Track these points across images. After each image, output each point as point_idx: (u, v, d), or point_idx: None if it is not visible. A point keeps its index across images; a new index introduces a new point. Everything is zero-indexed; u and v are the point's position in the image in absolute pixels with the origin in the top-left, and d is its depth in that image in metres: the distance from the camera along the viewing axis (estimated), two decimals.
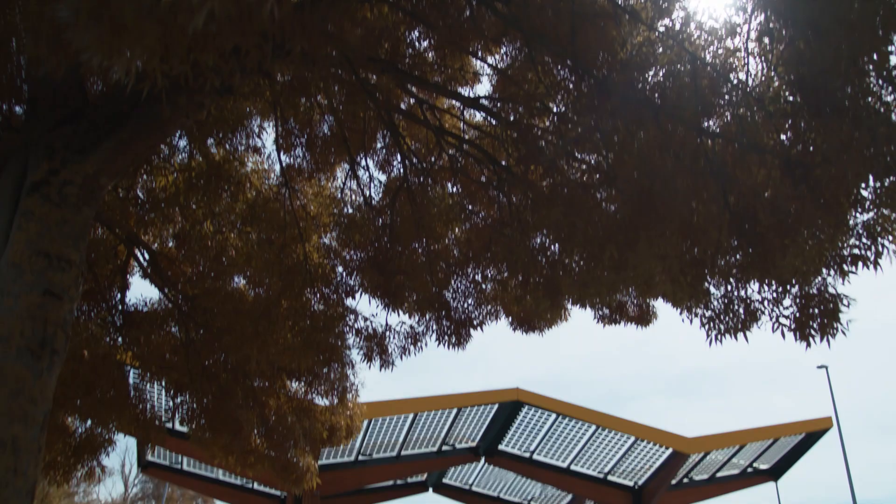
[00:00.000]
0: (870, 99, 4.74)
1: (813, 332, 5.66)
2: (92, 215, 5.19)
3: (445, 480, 28.63)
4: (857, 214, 5.37)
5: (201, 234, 7.86)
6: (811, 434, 24.69)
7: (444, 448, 23.82)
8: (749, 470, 26.49)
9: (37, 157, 5.06)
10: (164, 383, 9.35)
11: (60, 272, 4.77)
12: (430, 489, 28.73)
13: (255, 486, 27.29)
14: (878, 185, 5.23)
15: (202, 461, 23.34)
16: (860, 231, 5.42)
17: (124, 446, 79.03)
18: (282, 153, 8.22)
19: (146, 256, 8.82)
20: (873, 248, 5.37)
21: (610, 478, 25.19)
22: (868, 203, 5.21)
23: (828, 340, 5.67)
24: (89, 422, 9.13)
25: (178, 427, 19.66)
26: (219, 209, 7.69)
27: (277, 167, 8.38)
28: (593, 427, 22.57)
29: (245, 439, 9.01)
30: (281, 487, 22.92)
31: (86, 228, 5.08)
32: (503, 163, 7.15)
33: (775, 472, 26.71)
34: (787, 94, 5.18)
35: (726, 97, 5.38)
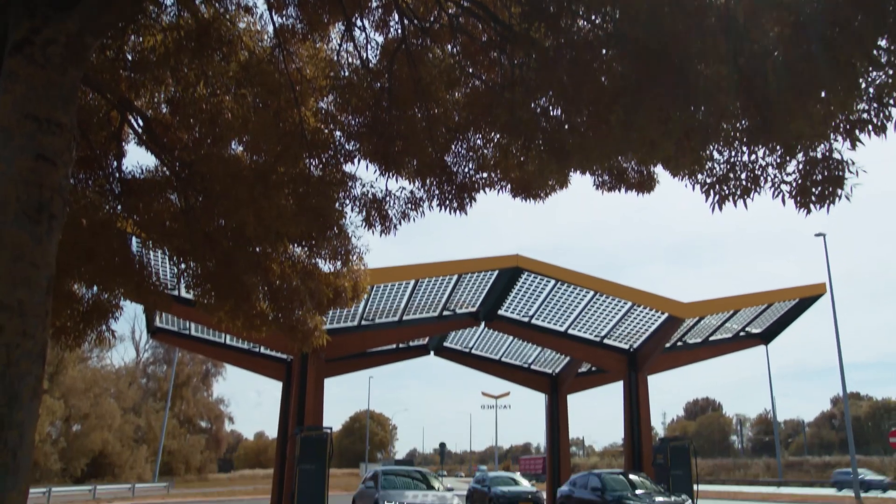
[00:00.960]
0: None
1: (814, 198, 5.61)
2: (79, 77, 5.04)
3: (446, 344, 29.55)
4: (870, 77, 5.20)
5: (195, 98, 7.65)
6: (804, 299, 25.20)
7: (445, 313, 24.40)
8: (741, 334, 27.25)
9: (17, 16, 4.85)
10: (166, 251, 9.41)
11: (51, 136, 4.68)
12: (432, 352, 29.71)
13: (262, 350, 28.22)
14: (892, 46, 5.03)
15: (209, 327, 23.97)
16: (871, 94, 5.26)
17: (133, 314, 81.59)
18: (274, 13, 7.89)
19: (140, 123, 8.67)
20: (882, 113, 5.23)
21: (606, 341, 25.98)
22: (883, 64, 5.03)
23: (827, 207, 5.63)
24: (95, 288, 9.27)
25: (183, 294, 20.10)
26: (211, 72, 7.45)
27: (270, 28, 8.07)
28: (591, 293, 23.02)
29: (250, 303, 9.17)
30: (288, 348, 23.68)
31: (74, 91, 4.94)
32: (505, 21, 6.87)
33: (766, 336, 27.50)
34: None
35: None
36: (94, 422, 57.12)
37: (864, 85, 5.19)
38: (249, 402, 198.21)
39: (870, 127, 5.20)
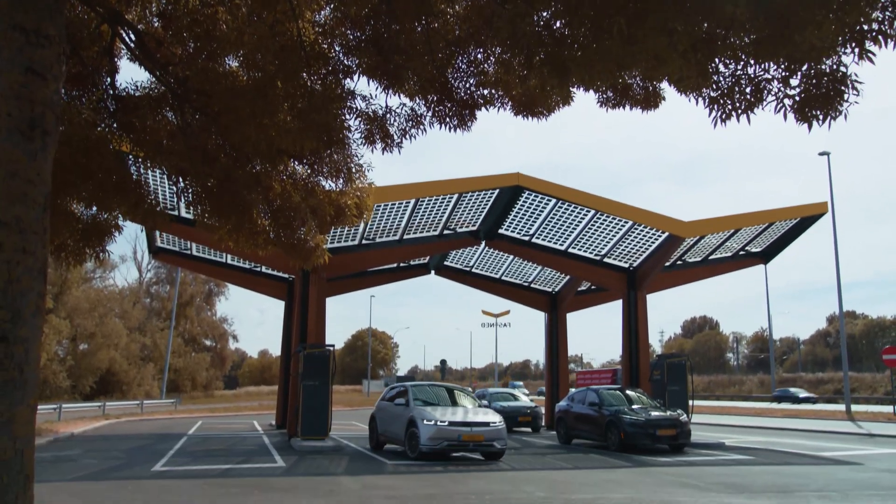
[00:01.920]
0: None
1: (815, 112, 5.51)
2: None
3: (447, 263, 29.72)
4: None
5: (187, 10, 7.43)
6: (805, 218, 25.18)
7: (446, 232, 24.44)
8: (741, 253, 27.35)
9: None
10: (164, 169, 9.33)
11: (40, 49, 4.56)
12: (432, 271, 29.92)
13: (264, 269, 28.41)
14: None
15: (210, 246, 24.05)
16: (885, 3, 5.09)
17: (135, 234, 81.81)
18: None
19: (132, 37, 8.45)
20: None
21: (606, 260, 26.10)
22: None
23: (829, 122, 5.54)
24: (94, 208, 9.24)
25: (184, 213, 20.10)
26: None
27: None
28: (592, 211, 22.99)
29: (251, 222, 9.15)
30: (290, 267, 23.83)
31: (61, 0, 4.78)
32: None
33: (766, 255, 27.60)
34: None
35: None
36: (101, 341, 58.07)
37: None
38: (252, 321, 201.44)
39: (881, 38, 5.06)
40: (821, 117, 5.46)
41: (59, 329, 50.61)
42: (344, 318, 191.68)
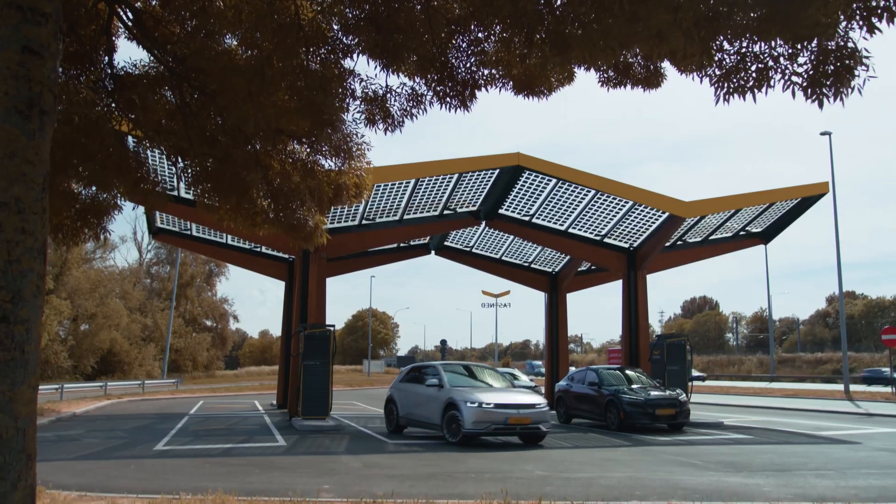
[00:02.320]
0: None
1: (825, 90, 5.46)
2: None
3: (447, 243, 29.71)
4: None
5: None
6: (806, 199, 25.13)
7: (446, 212, 24.40)
8: (741, 233, 27.32)
9: None
10: (164, 150, 9.29)
11: (36, 26, 4.51)
12: (433, 251, 29.92)
13: (264, 249, 28.40)
14: None
15: (210, 226, 24.02)
16: None
17: (135, 214, 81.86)
18: None
19: (129, 16, 8.38)
20: None
21: (606, 240, 26.09)
22: None
23: (841, 99, 5.49)
24: (94, 188, 9.21)
25: (183, 194, 20.07)
26: None
27: None
28: (592, 191, 22.93)
29: (251, 202, 9.11)
30: (290, 247, 23.81)
31: None
32: None
33: (767, 236, 27.58)
34: None
35: None
36: (102, 321, 58.25)
37: None
38: (253, 302, 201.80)
39: (886, 14, 5.00)
40: (831, 95, 5.41)
41: (60, 310, 50.74)
42: (344, 298, 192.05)
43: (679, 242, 26.94)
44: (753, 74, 5.67)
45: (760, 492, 9.72)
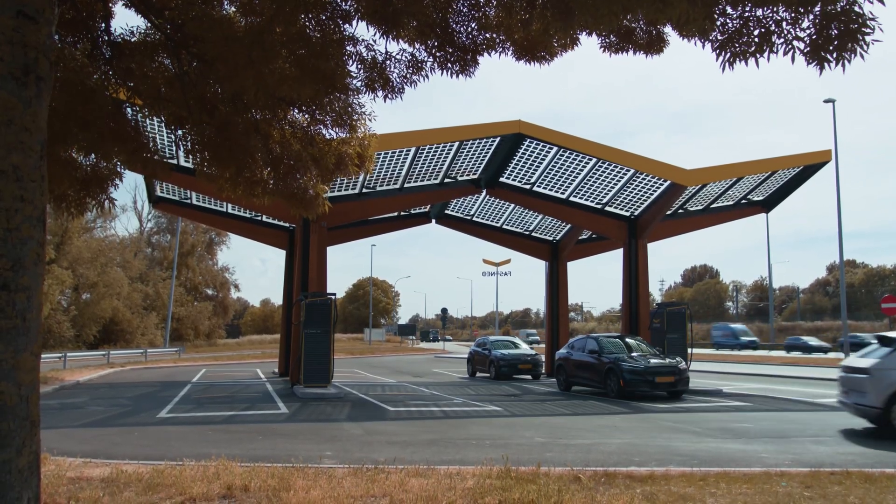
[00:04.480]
0: None
1: (829, 54, 5.40)
2: None
3: (448, 211, 29.66)
4: None
5: None
6: (808, 167, 25.04)
7: (446, 180, 24.33)
8: (742, 201, 27.26)
9: None
10: (162, 118, 9.21)
11: None
12: (433, 220, 29.89)
13: (265, 218, 28.37)
14: None
15: (210, 196, 23.98)
16: None
17: (135, 183, 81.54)
18: None
19: None
20: None
21: (607, 208, 26.04)
22: None
23: (843, 65, 5.43)
24: (93, 156, 9.15)
25: (183, 162, 19.98)
26: None
27: None
28: (593, 160, 22.83)
29: (251, 170, 9.06)
30: (290, 216, 23.78)
31: None
32: None
33: (768, 204, 27.52)
34: None
35: None
36: (103, 290, 58.43)
37: None
38: (254, 270, 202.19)
39: None
40: (832, 60, 5.35)
41: (62, 279, 50.86)
42: (345, 266, 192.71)
43: (680, 211, 26.89)
44: (756, 39, 5.61)
45: (758, 458, 9.82)
